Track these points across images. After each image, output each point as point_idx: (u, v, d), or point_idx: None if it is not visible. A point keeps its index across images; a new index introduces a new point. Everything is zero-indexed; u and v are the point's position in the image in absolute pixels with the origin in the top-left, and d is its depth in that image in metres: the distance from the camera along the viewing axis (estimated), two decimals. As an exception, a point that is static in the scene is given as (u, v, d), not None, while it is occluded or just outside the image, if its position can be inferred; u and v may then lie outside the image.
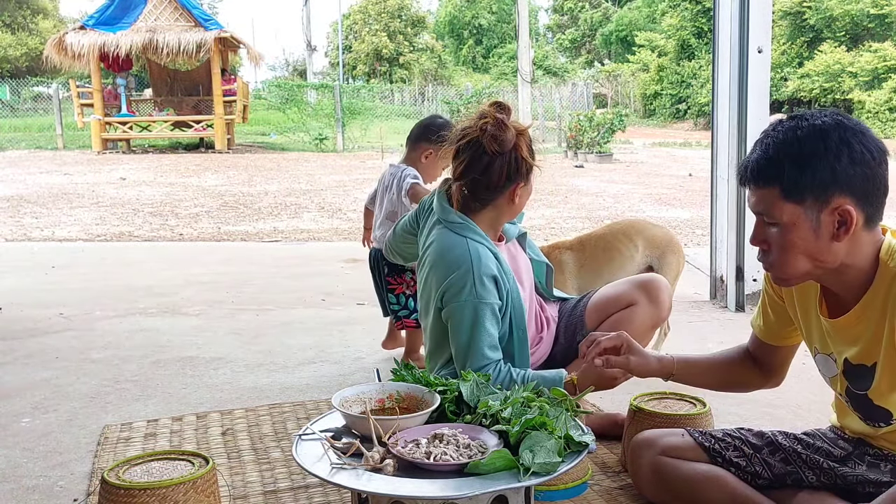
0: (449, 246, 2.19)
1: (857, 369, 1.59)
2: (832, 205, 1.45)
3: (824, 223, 1.46)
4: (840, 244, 1.47)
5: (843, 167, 1.43)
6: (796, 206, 1.46)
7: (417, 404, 1.85)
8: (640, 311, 2.33)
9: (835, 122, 1.46)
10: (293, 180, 12.10)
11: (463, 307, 2.14)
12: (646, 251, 3.24)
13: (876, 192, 1.46)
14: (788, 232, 1.48)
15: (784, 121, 1.52)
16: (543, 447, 1.59)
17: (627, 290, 2.39)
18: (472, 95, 19.00)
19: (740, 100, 3.91)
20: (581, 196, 9.98)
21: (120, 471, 1.79)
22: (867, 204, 1.46)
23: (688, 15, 29.85)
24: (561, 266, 3.15)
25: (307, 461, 1.65)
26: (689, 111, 29.17)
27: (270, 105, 24.00)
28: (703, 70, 27.89)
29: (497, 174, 2.17)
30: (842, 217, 1.45)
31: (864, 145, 1.44)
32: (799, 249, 1.49)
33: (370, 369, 3.19)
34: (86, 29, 16.57)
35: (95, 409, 2.77)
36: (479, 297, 2.13)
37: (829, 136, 1.44)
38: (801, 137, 1.46)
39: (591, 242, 3.26)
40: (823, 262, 1.50)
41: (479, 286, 2.13)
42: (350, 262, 5.59)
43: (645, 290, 2.36)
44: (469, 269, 2.13)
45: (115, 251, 6.45)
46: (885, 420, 1.60)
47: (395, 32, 39.03)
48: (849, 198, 1.44)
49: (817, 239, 1.47)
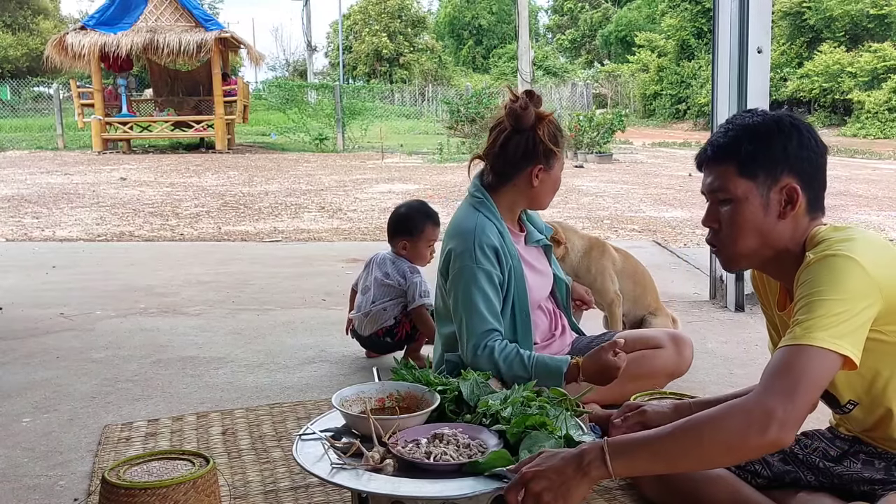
0: (462, 217, 2.37)
1: None
2: (780, 183, 1.57)
3: (773, 200, 1.58)
4: (785, 223, 1.58)
5: (793, 148, 1.57)
6: (750, 181, 1.58)
7: (417, 403, 1.86)
8: (665, 355, 2.50)
9: (787, 115, 1.62)
10: (293, 180, 12.10)
11: (462, 271, 2.28)
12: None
13: (818, 179, 1.60)
14: (740, 207, 1.59)
15: (742, 112, 1.67)
16: (542, 446, 1.59)
17: (658, 335, 2.59)
18: (472, 95, 18.98)
19: (740, 100, 3.92)
20: (581, 196, 9.98)
21: (120, 470, 1.79)
22: (810, 188, 1.58)
23: (687, 15, 29.86)
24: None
25: (307, 461, 1.65)
26: (688, 111, 29.18)
27: (271, 105, 24.01)
28: (702, 70, 27.89)
29: (513, 150, 2.32)
30: (789, 196, 1.57)
31: (811, 134, 1.59)
32: (749, 225, 1.59)
33: (370, 369, 3.20)
34: (86, 29, 16.58)
35: (96, 409, 2.77)
36: (478, 261, 2.26)
37: (782, 120, 1.59)
38: (757, 121, 1.60)
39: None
40: (769, 240, 1.59)
41: (479, 252, 2.27)
42: (350, 262, 5.59)
43: (673, 340, 2.55)
44: (472, 237, 2.28)
45: (116, 251, 6.45)
46: (836, 405, 1.64)
47: (395, 33, 39.04)
48: (796, 178, 1.57)
49: (766, 216, 1.58)
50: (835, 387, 1.59)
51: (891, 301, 1.45)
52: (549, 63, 39.84)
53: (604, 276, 3.26)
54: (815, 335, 1.39)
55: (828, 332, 1.39)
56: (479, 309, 2.24)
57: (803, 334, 1.40)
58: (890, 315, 1.46)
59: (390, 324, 3.19)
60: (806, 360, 1.39)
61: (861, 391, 1.58)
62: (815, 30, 26.33)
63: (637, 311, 3.42)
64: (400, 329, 3.20)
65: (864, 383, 1.56)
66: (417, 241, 3.21)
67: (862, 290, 1.42)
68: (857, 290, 1.42)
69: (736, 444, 1.38)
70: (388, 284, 3.18)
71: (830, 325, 1.40)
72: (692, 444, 1.41)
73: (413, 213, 3.25)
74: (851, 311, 1.41)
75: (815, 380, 1.39)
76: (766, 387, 1.39)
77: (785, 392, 1.37)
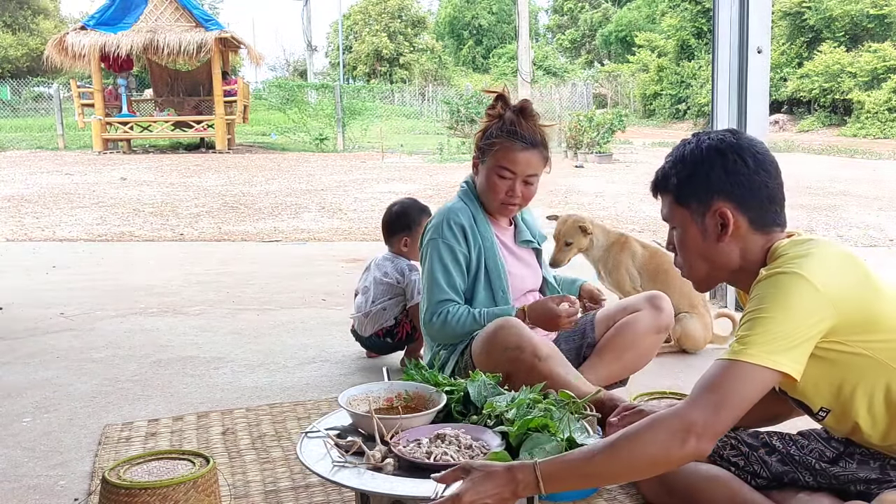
0: (444, 205, 2.54)
1: None
2: (712, 208, 1.61)
3: (709, 226, 1.62)
4: (726, 245, 1.62)
5: (717, 174, 1.60)
6: (685, 210, 1.65)
7: (425, 404, 1.85)
8: (644, 316, 2.54)
9: (718, 139, 1.63)
10: (293, 180, 12.10)
11: (427, 245, 2.45)
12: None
13: (755, 198, 1.60)
14: (683, 234, 1.67)
15: (685, 139, 1.70)
16: (543, 449, 1.59)
17: (634, 300, 2.65)
18: (472, 95, 18.98)
19: (740, 100, 3.92)
20: (581, 196, 9.98)
21: (121, 470, 1.79)
22: (747, 208, 1.60)
23: (687, 15, 29.86)
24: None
25: (310, 459, 1.65)
26: (688, 111, 29.16)
27: (271, 105, 23.98)
28: (702, 70, 27.89)
29: (481, 133, 2.49)
30: (721, 219, 1.60)
31: (739, 155, 1.60)
32: (693, 251, 1.66)
33: (370, 369, 3.20)
34: (86, 29, 16.58)
35: (96, 409, 2.77)
36: (443, 236, 2.42)
37: (707, 148, 1.62)
38: (687, 152, 1.65)
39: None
40: (717, 262, 1.64)
41: (446, 228, 2.43)
42: (350, 262, 5.60)
43: (649, 301, 2.59)
44: (442, 215, 2.46)
45: (116, 251, 6.45)
46: (810, 413, 1.66)
47: (395, 33, 39.04)
48: (726, 202, 1.60)
49: (705, 240, 1.64)
50: (805, 396, 1.62)
51: (847, 314, 1.48)
52: (549, 63, 39.84)
53: (619, 270, 3.35)
54: (749, 351, 1.44)
55: (764, 348, 1.43)
56: (437, 280, 2.39)
57: (739, 350, 1.45)
58: (849, 327, 1.49)
59: (390, 324, 3.19)
60: (737, 375, 1.44)
61: (830, 399, 1.60)
62: (815, 30, 26.32)
63: None
64: (400, 329, 3.20)
65: (833, 391, 1.58)
66: (417, 236, 3.20)
67: (808, 307, 1.46)
68: (802, 308, 1.45)
69: (659, 457, 1.44)
70: (387, 283, 3.19)
71: (767, 341, 1.44)
72: (620, 463, 1.46)
73: (407, 208, 3.28)
74: (794, 328, 1.45)
75: (744, 395, 1.43)
76: (694, 400, 1.46)
77: (710, 405, 1.43)
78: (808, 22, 26.25)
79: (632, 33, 35.56)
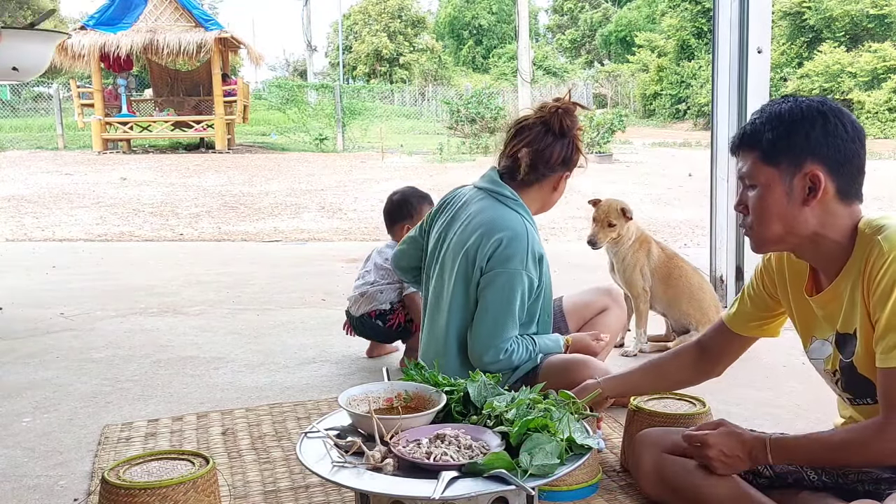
0: (503, 215, 2.33)
1: (843, 338, 1.65)
2: (804, 170, 1.57)
3: (796, 187, 1.58)
4: (810, 210, 1.58)
5: (816, 135, 1.55)
6: (773, 169, 1.59)
7: (425, 404, 1.85)
8: (613, 314, 2.78)
9: (818, 101, 1.60)
10: (293, 180, 12.10)
11: (509, 276, 2.26)
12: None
13: (848, 165, 1.57)
14: (764, 194, 1.61)
15: (775, 99, 1.68)
16: (543, 449, 1.59)
17: (597, 297, 2.82)
18: (471, 95, 18.95)
19: (740, 100, 3.92)
20: (581, 196, 9.97)
21: (120, 470, 1.79)
22: (838, 175, 1.57)
23: (687, 15, 29.84)
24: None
25: (310, 459, 1.65)
26: (688, 111, 29.15)
27: (271, 105, 23.97)
28: (702, 70, 27.88)
29: (557, 154, 2.37)
30: (812, 183, 1.56)
31: (840, 119, 1.56)
32: (773, 212, 1.61)
33: (370, 369, 3.20)
34: (86, 29, 16.56)
35: (96, 409, 2.77)
36: (527, 268, 2.28)
37: (808, 108, 1.58)
38: (783, 109, 1.60)
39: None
40: (794, 227, 1.60)
41: (530, 258, 2.28)
42: (350, 262, 5.59)
43: (610, 296, 2.81)
44: (525, 241, 2.28)
45: (116, 251, 6.45)
46: (870, 395, 1.64)
47: (395, 33, 39.01)
48: (820, 165, 1.56)
49: (789, 203, 1.59)
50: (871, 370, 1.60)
51: None
52: (549, 63, 39.82)
53: (634, 268, 3.37)
54: None
55: None
56: (514, 314, 2.28)
57: None
58: None
59: (385, 308, 3.17)
60: None
61: None
62: (815, 30, 26.31)
63: (674, 314, 3.43)
64: (394, 317, 3.17)
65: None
66: (418, 223, 3.18)
67: None
68: None
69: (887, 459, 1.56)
70: (387, 268, 3.16)
71: None
72: (842, 462, 1.63)
73: (408, 196, 3.27)
74: None
75: None
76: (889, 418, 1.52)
77: None
78: (809, 22, 26.24)
79: (632, 33, 35.54)
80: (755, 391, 2.88)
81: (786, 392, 2.87)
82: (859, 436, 1.57)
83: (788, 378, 3.01)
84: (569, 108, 2.37)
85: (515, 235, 2.28)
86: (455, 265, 2.36)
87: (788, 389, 2.88)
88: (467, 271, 2.33)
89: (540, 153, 2.35)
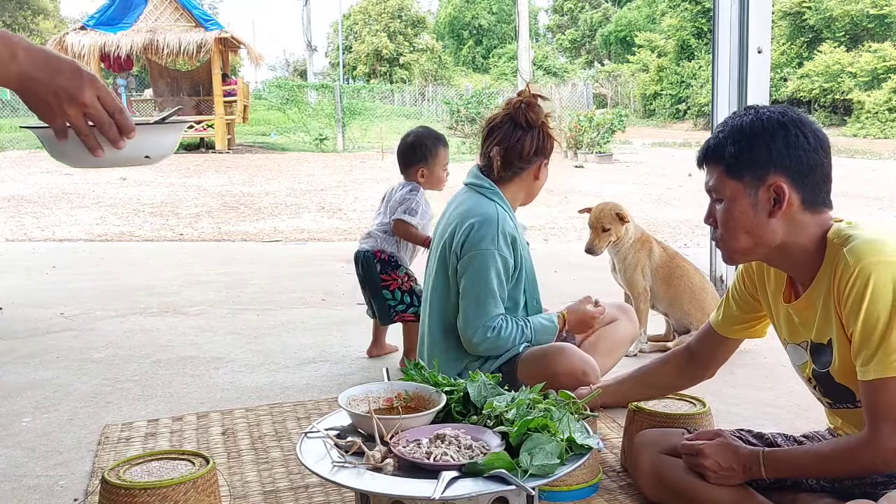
0: (477, 204, 2.45)
1: (818, 348, 1.66)
2: (768, 182, 1.58)
3: (761, 200, 1.59)
4: (776, 221, 1.60)
5: (778, 147, 1.57)
6: (737, 182, 1.61)
7: (425, 404, 1.85)
8: (622, 326, 2.78)
9: (778, 112, 1.61)
10: (293, 180, 12.10)
11: (482, 255, 2.36)
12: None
13: (812, 175, 1.58)
14: (731, 207, 1.62)
15: (738, 111, 1.69)
16: (543, 449, 1.59)
17: (609, 311, 2.77)
18: (472, 95, 18.95)
19: (740, 100, 3.91)
20: (581, 196, 9.97)
21: (120, 470, 1.79)
22: (803, 185, 1.58)
23: (687, 15, 29.85)
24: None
25: (310, 459, 1.65)
26: (688, 111, 29.16)
27: (271, 105, 23.96)
28: (702, 70, 27.89)
29: (528, 146, 2.45)
30: (776, 194, 1.58)
31: (801, 130, 1.58)
32: (739, 224, 1.62)
33: (370, 369, 3.20)
34: (86, 29, 16.56)
35: (96, 409, 2.77)
36: (498, 247, 2.36)
37: (769, 120, 1.59)
38: (745, 122, 1.62)
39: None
40: (762, 238, 1.62)
41: (501, 237, 2.37)
42: (350, 262, 5.59)
43: (622, 311, 2.84)
44: (494, 222, 2.38)
45: (116, 251, 6.45)
46: (849, 401, 1.65)
47: (395, 33, 39.02)
48: (784, 177, 1.57)
49: (755, 215, 1.60)
50: (848, 379, 1.61)
51: None
52: (549, 63, 39.83)
53: (635, 268, 3.38)
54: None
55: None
56: (494, 293, 2.36)
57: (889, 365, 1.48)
58: None
59: (391, 251, 3.15)
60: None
61: None
62: (815, 30, 26.32)
63: (675, 314, 3.43)
64: (392, 278, 3.15)
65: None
66: (434, 166, 3.14)
67: None
68: None
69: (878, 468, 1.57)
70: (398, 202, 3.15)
71: None
72: (830, 473, 1.66)
73: (423, 138, 3.16)
74: None
75: None
76: (877, 429, 1.51)
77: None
78: (808, 22, 26.25)
79: (632, 33, 35.56)
80: (755, 391, 2.88)
81: (786, 392, 2.86)
82: (848, 448, 1.59)
83: (788, 378, 3.00)
84: (530, 102, 2.46)
85: (486, 219, 2.38)
86: (436, 256, 2.51)
87: (788, 389, 2.88)
88: (446, 260, 2.47)
89: (512, 148, 2.45)
